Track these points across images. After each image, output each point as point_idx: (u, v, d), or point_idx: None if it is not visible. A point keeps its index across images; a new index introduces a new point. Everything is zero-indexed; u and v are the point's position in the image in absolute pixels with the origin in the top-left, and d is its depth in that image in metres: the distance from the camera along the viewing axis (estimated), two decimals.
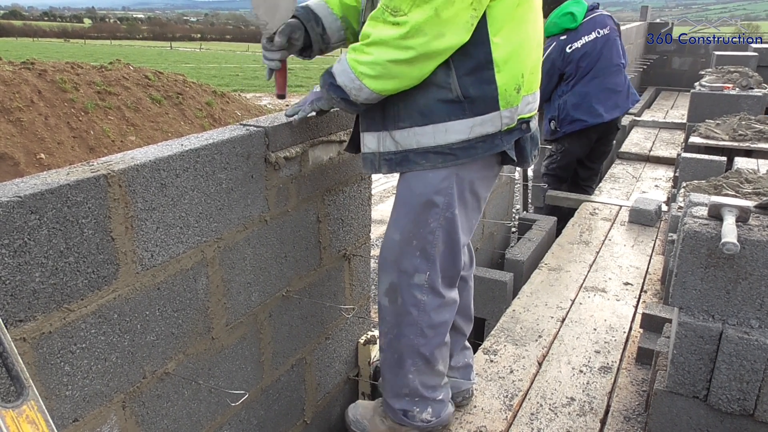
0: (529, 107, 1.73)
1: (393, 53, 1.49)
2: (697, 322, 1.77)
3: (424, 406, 1.93)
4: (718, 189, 2.51)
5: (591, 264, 3.48)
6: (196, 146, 1.47)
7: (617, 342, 2.65)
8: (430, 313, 1.81)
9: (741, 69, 5.84)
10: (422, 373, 1.88)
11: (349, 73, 1.55)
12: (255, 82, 20.44)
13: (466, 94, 1.59)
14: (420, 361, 1.86)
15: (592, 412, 2.18)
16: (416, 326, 1.82)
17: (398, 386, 1.91)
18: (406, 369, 1.87)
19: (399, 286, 1.79)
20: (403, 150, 1.67)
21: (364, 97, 1.59)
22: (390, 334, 1.87)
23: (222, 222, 1.58)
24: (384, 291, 1.84)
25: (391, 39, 1.48)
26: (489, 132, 1.63)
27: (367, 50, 1.52)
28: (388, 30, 1.48)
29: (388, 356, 1.91)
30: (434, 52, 1.51)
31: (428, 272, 1.77)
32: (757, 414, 1.77)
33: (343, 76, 1.57)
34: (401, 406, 1.93)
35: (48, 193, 1.14)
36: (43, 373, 1.19)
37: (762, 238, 1.67)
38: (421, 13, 1.45)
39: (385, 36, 1.49)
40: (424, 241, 1.74)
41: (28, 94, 7.86)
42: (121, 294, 1.33)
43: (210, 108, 10.36)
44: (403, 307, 1.81)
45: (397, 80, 1.55)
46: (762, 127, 4.37)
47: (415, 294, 1.78)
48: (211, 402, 1.66)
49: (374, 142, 1.71)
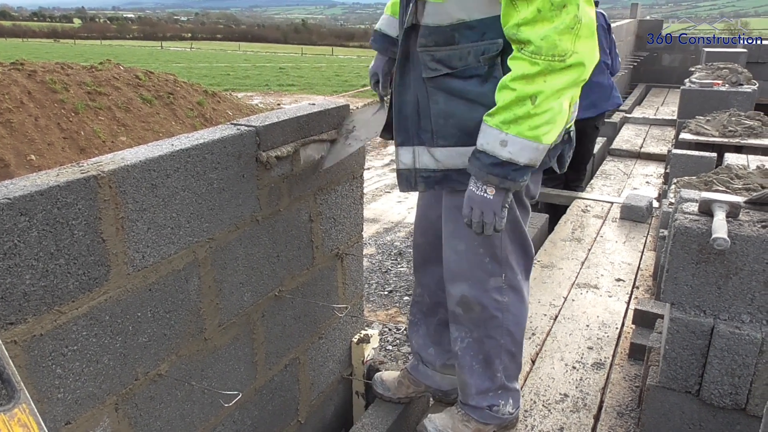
0: (573, 116, 1.66)
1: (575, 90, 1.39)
2: (688, 318, 1.78)
3: (507, 397, 1.91)
4: (708, 185, 2.52)
5: (583, 261, 3.49)
6: (187, 146, 1.46)
7: (610, 338, 2.66)
8: (514, 311, 1.78)
9: (730, 65, 5.88)
10: (508, 368, 1.88)
11: (527, 143, 1.37)
12: (246, 81, 20.39)
13: None
14: (507, 358, 1.85)
15: (586, 408, 2.19)
16: (502, 328, 1.78)
17: (484, 386, 1.87)
18: (495, 368, 1.84)
19: (474, 295, 1.74)
20: (444, 169, 1.61)
21: (539, 158, 1.43)
22: (468, 338, 1.82)
23: (213, 222, 1.58)
24: (456, 302, 1.79)
25: (570, 83, 1.35)
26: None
27: (538, 109, 1.35)
28: (564, 77, 1.34)
29: (468, 361, 1.85)
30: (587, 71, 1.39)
31: (504, 273, 1.73)
32: (749, 408, 1.78)
33: (523, 154, 1.38)
34: (488, 402, 1.90)
35: (38, 195, 1.14)
36: (34, 375, 1.19)
37: (752, 234, 1.68)
38: (586, 43, 1.34)
39: (562, 84, 1.34)
40: (491, 245, 1.68)
41: (17, 95, 7.80)
42: (112, 295, 1.32)
43: (201, 108, 10.31)
44: (486, 313, 1.76)
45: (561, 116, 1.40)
46: (751, 123, 4.39)
47: (496, 297, 1.74)
48: (204, 403, 1.65)
49: (409, 158, 1.65)
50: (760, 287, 1.70)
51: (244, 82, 20.12)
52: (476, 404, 1.91)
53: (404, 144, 1.67)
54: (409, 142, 1.65)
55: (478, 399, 1.90)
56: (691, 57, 9.83)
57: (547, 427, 2.09)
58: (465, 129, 1.54)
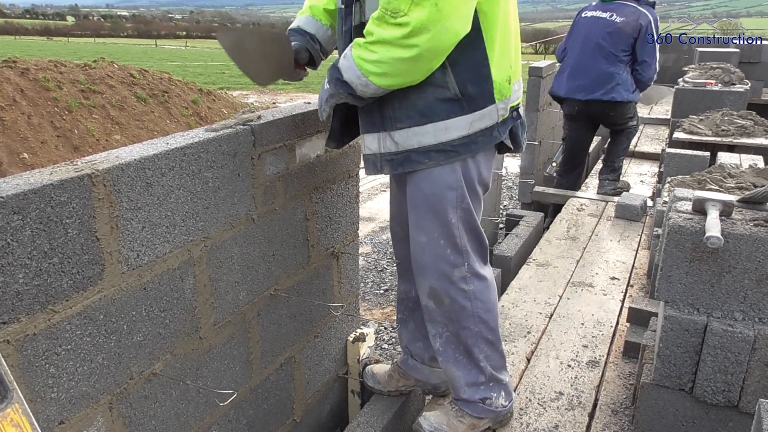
0: (517, 95, 1.78)
1: (397, 52, 1.50)
2: (682, 316, 1.79)
3: (498, 389, 1.96)
4: (702, 184, 2.53)
5: (578, 259, 3.50)
6: (182, 145, 1.46)
7: (604, 336, 2.67)
8: (482, 298, 1.85)
9: (723, 65, 5.90)
10: (490, 357, 1.92)
11: (356, 70, 1.56)
12: (241, 79, 20.32)
13: (464, 92, 1.62)
14: (486, 346, 1.90)
15: (581, 406, 2.20)
16: (474, 316, 1.84)
17: (472, 378, 1.92)
18: (476, 358, 1.89)
19: (442, 287, 1.81)
20: (404, 150, 1.68)
21: (371, 93, 1.60)
22: (446, 333, 1.88)
23: (209, 221, 1.57)
24: (426, 295, 1.86)
25: (394, 39, 1.49)
26: (487, 125, 1.68)
27: (372, 48, 1.53)
28: (391, 30, 1.49)
29: (450, 354, 1.91)
30: (439, 47, 1.52)
31: (465, 262, 1.80)
32: (742, 405, 1.79)
33: (349, 73, 1.58)
34: (480, 395, 1.93)
35: (31, 194, 1.13)
36: (27, 375, 1.18)
37: (745, 232, 1.69)
38: (421, 11, 1.46)
39: (388, 36, 1.49)
40: (450, 236, 1.77)
41: (10, 93, 7.76)
42: (106, 294, 1.32)
43: (196, 106, 10.29)
44: (455, 304, 1.83)
45: (402, 77, 1.56)
46: (744, 123, 4.41)
47: (462, 287, 1.81)
48: (199, 402, 1.65)
49: (375, 144, 1.73)
50: (753, 285, 1.71)
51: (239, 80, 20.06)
52: (468, 397, 1.94)
53: (369, 131, 1.73)
54: (374, 129, 1.72)
55: (469, 392, 1.93)
56: (684, 57, 9.85)
57: (542, 425, 2.09)
58: (417, 109, 1.64)
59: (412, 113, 1.64)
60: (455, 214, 1.75)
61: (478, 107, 1.64)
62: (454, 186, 1.72)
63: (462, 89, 1.62)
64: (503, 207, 6.19)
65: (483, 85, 1.63)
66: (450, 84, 1.61)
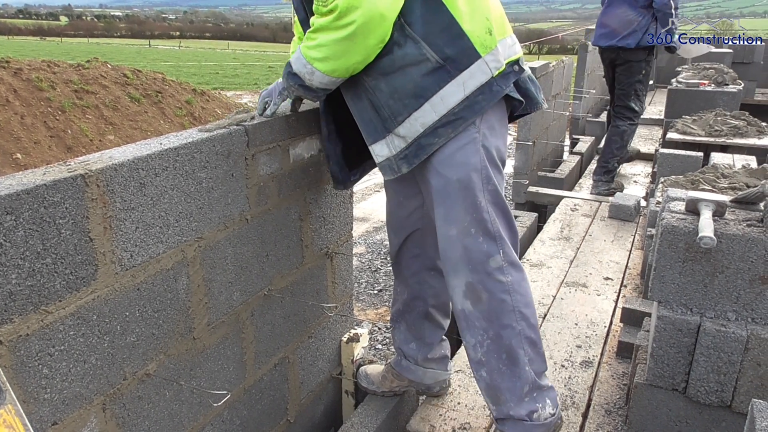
0: (512, 49, 1.73)
1: (334, 33, 1.55)
2: (675, 316, 1.80)
3: (543, 398, 1.79)
4: (695, 184, 2.54)
5: (572, 260, 3.51)
6: (176, 145, 1.45)
7: (598, 336, 2.68)
8: (521, 292, 1.74)
9: (716, 66, 5.93)
10: (534, 360, 1.78)
11: (302, 59, 1.63)
12: (235, 80, 20.30)
13: (443, 56, 1.60)
14: (529, 347, 1.76)
15: (574, 406, 2.20)
16: (514, 311, 1.72)
17: (519, 388, 1.76)
18: (522, 362, 1.75)
19: (478, 280, 1.70)
20: (413, 140, 1.66)
21: (317, 81, 1.64)
22: (488, 339, 1.74)
23: (202, 221, 1.57)
24: (462, 295, 1.73)
25: (329, 23, 1.55)
26: (483, 81, 1.63)
27: (312, 36, 1.60)
28: (324, 17, 1.56)
29: (493, 367, 1.76)
30: (372, 22, 1.53)
31: (501, 250, 1.70)
32: (735, 405, 1.80)
33: (297, 64, 1.65)
34: (527, 408, 1.77)
35: (24, 194, 1.13)
36: (20, 376, 1.18)
37: (738, 232, 1.69)
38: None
39: (323, 22, 1.56)
40: (482, 222, 1.68)
41: (3, 92, 7.72)
42: (100, 295, 1.31)
43: (190, 106, 10.26)
44: (494, 300, 1.71)
45: (343, 59, 1.59)
46: (737, 123, 4.44)
47: (500, 278, 1.70)
48: (193, 403, 1.64)
49: (385, 149, 1.71)
50: (746, 285, 1.72)
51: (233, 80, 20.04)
52: (515, 414, 1.77)
53: (376, 141, 1.73)
54: (380, 137, 1.71)
55: (516, 409, 1.77)
56: (677, 57, 9.89)
57: None
58: (409, 93, 1.63)
59: (407, 100, 1.63)
60: (483, 197, 1.68)
61: (465, 66, 1.61)
62: (479, 167, 1.67)
63: (441, 54, 1.59)
64: None
65: (459, 43, 1.60)
66: (428, 54, 1.59)
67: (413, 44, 1.60)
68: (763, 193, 1.79)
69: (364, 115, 1.72)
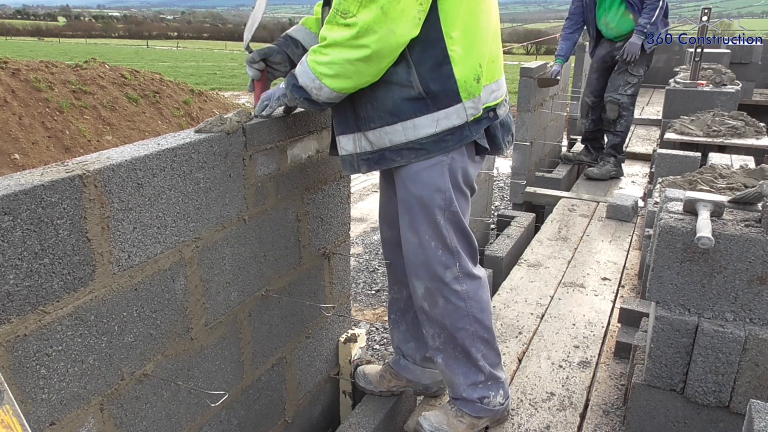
0: (494, 95, 1.77)
1: (348, 53, 1.55)
2: (673, 316, 1.80)
3: (497, 388, 2.00)
4: (693, 184, 2.55)
5: (570, 260, 3.52)
6: (173, 145, 1.45)
7: (596, 337, 2.68)
8: (476, 298, 1.87)
9: (714, 66, 5.94)
10: (487, 356, 1.95)
11: (310, 73, 1.61)
12: (233, 80, 20.28)
13: (427, 90, 1.64)
14: (482, 345, 1.93)
15: (572, 407, 2.20)
16: (469, 316, 1.87)
17: (471, 377, 1.95)
18: (475, 357, 1.92)
19: (436, 288, 1.84)
20: (378, 149, 1.72)
21: (325, 96, 1.64)
22: (443, 334, 1.90)
23: (200, 222, 1.57)
24: (421, 296, 1.87)
25: (344, 40, 1.54)
26: (456, 124, 1.68)
27: (325, 51, 1.58)
28: (340, 32, 1.54)
29: (449, 354, 1.93)
30: (386, 49, 1.55)
31: (457, 262, 1.82)
32: (732, 405, 1.80)
33: (304, 77, 1.63)
34: (479, 394, 1.97)
35: (22, 194, 1.13)
36: (18, 376, 1.18)
37: (735, 233, 1.70)
38: (368, 13, 1.50)
39: (338, 38, 1.54)
40: (441, 237, 1.79)
41: (1, 93, 7.70)
42: (97, 295, 1.31)
43: (188, 107, 10.24)
44: (450, 305, 1.85)
45: (354, 78, 1.60)
46: (735, 123, 4.44)
47: (455, 288, 1.83)
48: (190, 403, 1.64)
49: (350, 144, 1.76)
50: (744, 286, 1.72)
51: (231, 81, 20.02)
52: (467, 396, 1.97)
53: (344, 133, 1.77)
54: (349, 131, 1.75)
55: (468, 391, 1.96)
56: (675, 57, 9.91)
57: (533, 425, 2.10)
58: (386, 109, 1.67)
59: (383, 113, 1.68)
60: (443, 216, 1.77)
61: (443, 105, 1.66)
62: (443, 188, 1.74)
63: (425, 88, 1.63)
64: (495, 208, 6.20)
65: (446, 84, 1.64)
66: (414, 83, 1.63)
67: (405, 67, 1.63)
68: (760, 194, 1.79)
69: (342, 106, 1.75)
